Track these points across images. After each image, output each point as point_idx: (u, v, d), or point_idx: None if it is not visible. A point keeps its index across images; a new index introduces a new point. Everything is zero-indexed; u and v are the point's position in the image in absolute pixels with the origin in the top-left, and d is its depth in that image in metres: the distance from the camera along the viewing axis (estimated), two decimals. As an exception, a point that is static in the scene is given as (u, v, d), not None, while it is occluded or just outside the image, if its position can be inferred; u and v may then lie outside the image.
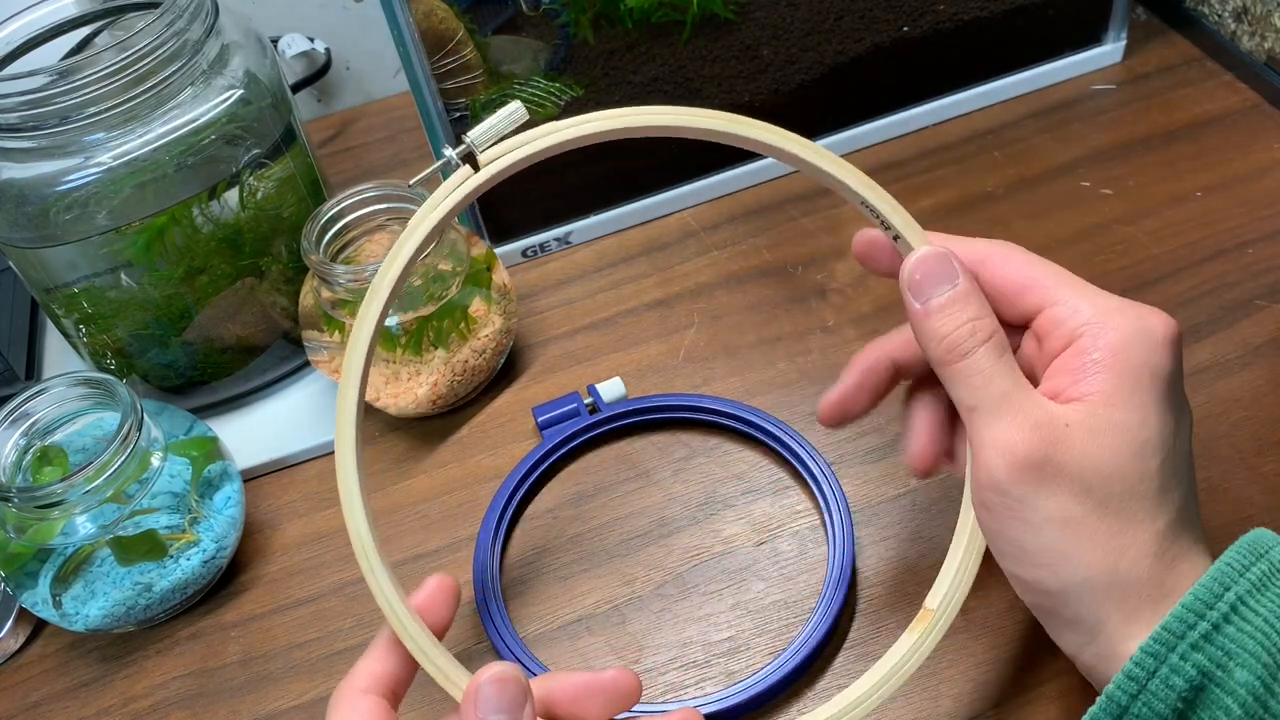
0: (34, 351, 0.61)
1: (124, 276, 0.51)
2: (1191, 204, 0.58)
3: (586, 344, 0.57)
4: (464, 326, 0.52)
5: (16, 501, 0.42)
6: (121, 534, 0.44)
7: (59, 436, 0.46)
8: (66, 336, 0.55)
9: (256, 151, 0.51)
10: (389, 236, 0.53)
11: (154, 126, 0.47)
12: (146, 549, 0.45)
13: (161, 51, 0.46)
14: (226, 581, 0.50)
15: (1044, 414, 0.32)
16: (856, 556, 0.46)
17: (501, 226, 0.61)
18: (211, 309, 0.53)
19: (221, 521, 0.48)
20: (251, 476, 0.54)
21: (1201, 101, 0.64)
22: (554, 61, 0.57)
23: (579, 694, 0.35)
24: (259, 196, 0.52)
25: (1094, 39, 0.66)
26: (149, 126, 0.47)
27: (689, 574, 0.47)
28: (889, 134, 0.65)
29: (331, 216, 0.51)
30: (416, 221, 0.36)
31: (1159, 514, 0.32)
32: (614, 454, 0.52)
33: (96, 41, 0.53)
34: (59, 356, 0.61)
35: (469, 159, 0.35)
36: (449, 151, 0.35)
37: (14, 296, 0.62)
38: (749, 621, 0.45)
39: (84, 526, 0.44)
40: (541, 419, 0.52)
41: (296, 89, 0.72)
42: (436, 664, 0.35)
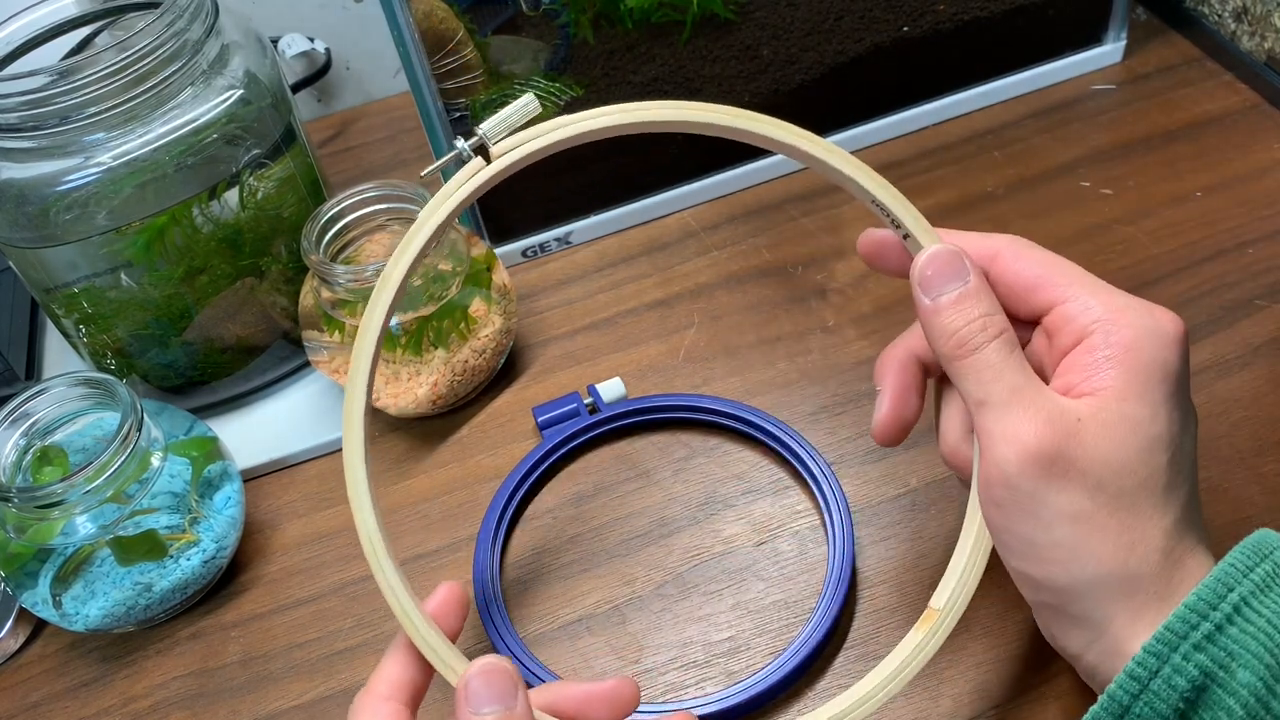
0: (34, 351, 0.61)
1: (124, 276, 0.51)
2: (1191, 204, 0.58)
3: (586, 344, 0.57)
4: (464, 326, 0.52)
5: (16, 501, 0.42)
6: (121, 534, 0.44)
7: (59, 436, 0.46)
8: (66, 336, 0.55)
9: (256, 151, 0.51)
10: (389, 236, 0.53)
11: (154, 126, 0.47)
12: (146, 549, 0.45)
13: (161, 51, 0.46)
14: (226, 581, 0.50)
15: (1056, 408, 0.32)
16: (856, 556, 0.46)
17: (501, 226, 0.61)
18: (211, 309, 0.53)
19: (221, 521, 0.48)
20: (251, 476, 0.54)
21: (1201, 101, 0.64)
22: (554, 61, 0.57)
23: (581, 705, 0.35)
24: (259, 196, 0.52)
25: (1094, 39, 0.66)
26: (149, 126, 0.47)
27: (689, 574, 0.47)
28: (889, 134, 0.65)
29: (331, 216, 0.51)
30: (429, 212, 0.35)
31: (1167, 510, 0.32)
32: (614, 454, 0.52)
33: (96, 41, 0.53)
34: (59, 356, 0.61)
35: (481, 151, 0.35)
36: (461, 143, 0.35)
37: (14, 296, 0.62)
38: (749, 621, 0.45)
39: (84, 526, 0.44)
40: (541, 419, 0.52)
41: (296, 89, 0.72)
42: (455, 669, 0.35)
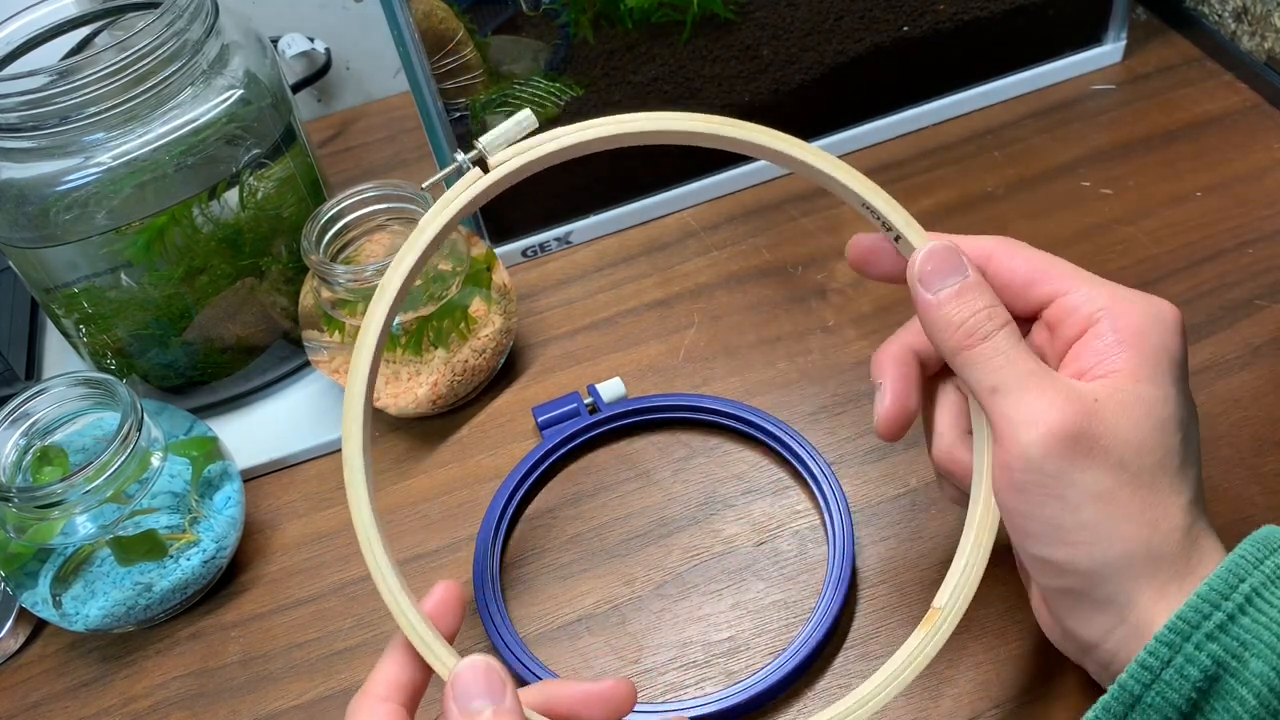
0: (34, 351, 0.61)
1: (124, 276, 0.51)
2: (1191, 204, 0.58)
3: (586, 344, 0.57)
4: (464, 326, 0.52)
5: (16, 501, 0.42)
6: (121, 534, 0.44)
7: (59, 436, 0.46)
8: (66, 336, 0.55)
9: (256, 151, 0.51)
10: (389, 236, 0.53)
11: (154, 126, 0.47)
12: (146, 549, 0.45)
13: (161, 51, 0.46)
14: (226, 581, 0.50)
15: (1073, 389, 0.32)
16: (856, 556, 0.46)
17: (501, 226, 0.61)
18: (211, 309, 0.53)
19: (221, 521, 0.48)
20: (251, 476, 0.54)
21: (1201, 101, 0.64)
22: (554, 61, 0.57)
23: (576, 704, 0.35)
24: (259, 196, 0.52)
25: (1094, 39, 0.66)
26: (149, 126, 0.47)
27: (689, 574, 0.47)
28: (889, 134, 0.65)
29: (331, 216, 0.51)
30: (428, 220, 0.36)
31: (1183, 489, 0.32)
32: (614, 454, 0.52)
33: (96, 41, 0.53)
34: (59, 356, 0.61)
35: (480, 163, 0.36)
36: (460, 156, 0.35)
37: (14, 296, 0.62)
38: (749, 621, 0.45)
39: (84, 526, 0.44)
40: (541, 419, 0.52)
41: (296, 89, 0.72)
42: (451, 668, 0.35)
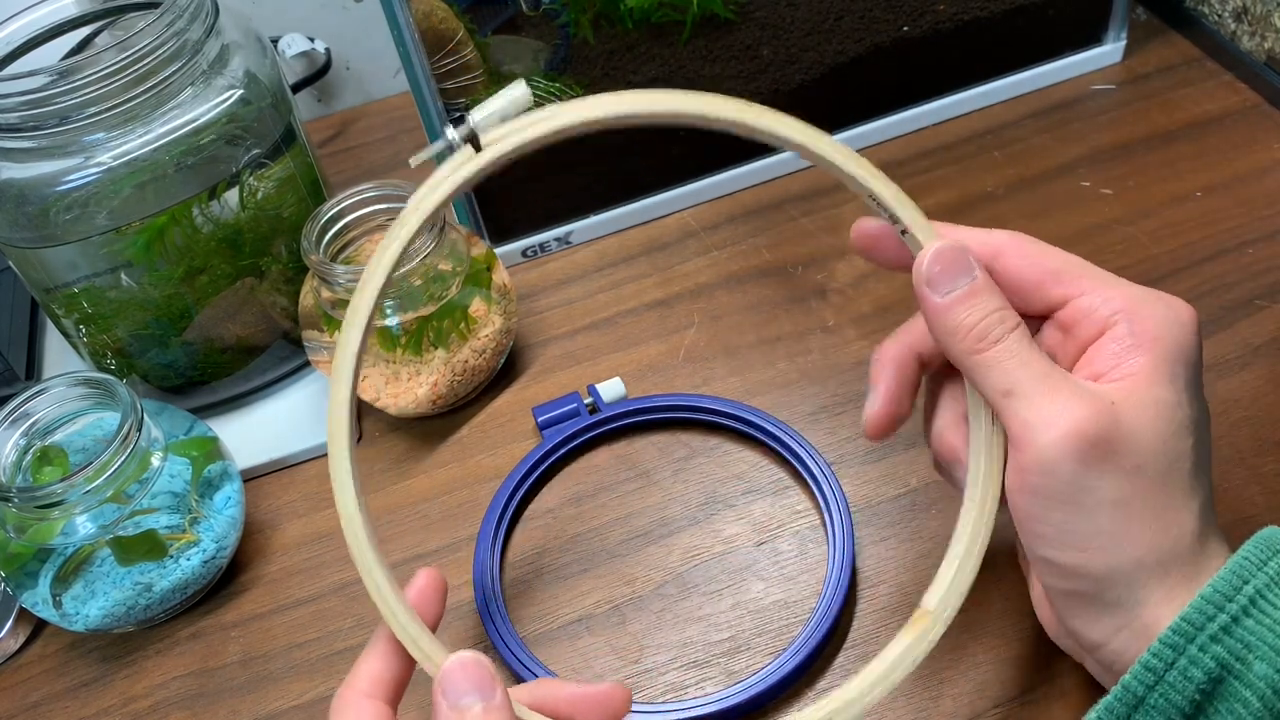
0: (34, 351, 0.61)
1: (124, 276, 0.51)
2: (1191, 204, 0.58)
3: (586, 344, 0.57)
4: (464, 326, 0.52)
5: (16, 501, 0.42)
6: (121, 534, 0.44)
7: (59, 436, 0.46)
8: (66, 336, 0.55)
9: (256, 151, 0.51)
10: (389, 236, 0.53)
11: (154, 126, 0.47)
12: (146, 549, 0.45)
13: (161, 51, 0.46)
14: (226, 581, 0.50)
15: (1089, 392, 0.32)
16: (856, 556, 0.46)
17: (501, 226, 0.61)
18: (211, 309, 0.53)
19: (221, 521, 0.48)
20: (251, 476, 0.54)
21: (1201, 101, 0.64)
22: (554, 61, 0.57)
23: (570, 706, 0.35)
24: (259, 196, 0.52)
25: (1094, 39, 0.66)
26: (149, 126, 0.47)
27: (689, 574, 0.47)
28: (889, 134, 0.65)
29: (331, 216, 0.51)
30: (415, 202, 0.34)
31: (1195, 493, 0.32)
32: (614, 454, 0.52)
33: (96, 41, 0.53)
34: (59, 356, 0.61)
35: (471, 140, 0.33)
36: (451, 132, 0.33)
37: (14, 296, 0.62)
38: (749, 621, 0.45)
39: (84, 526, 0.44)
40: (541, 419, 0.52)
41: (296, 89, 0.72)
42: (434, 660, 0.35)
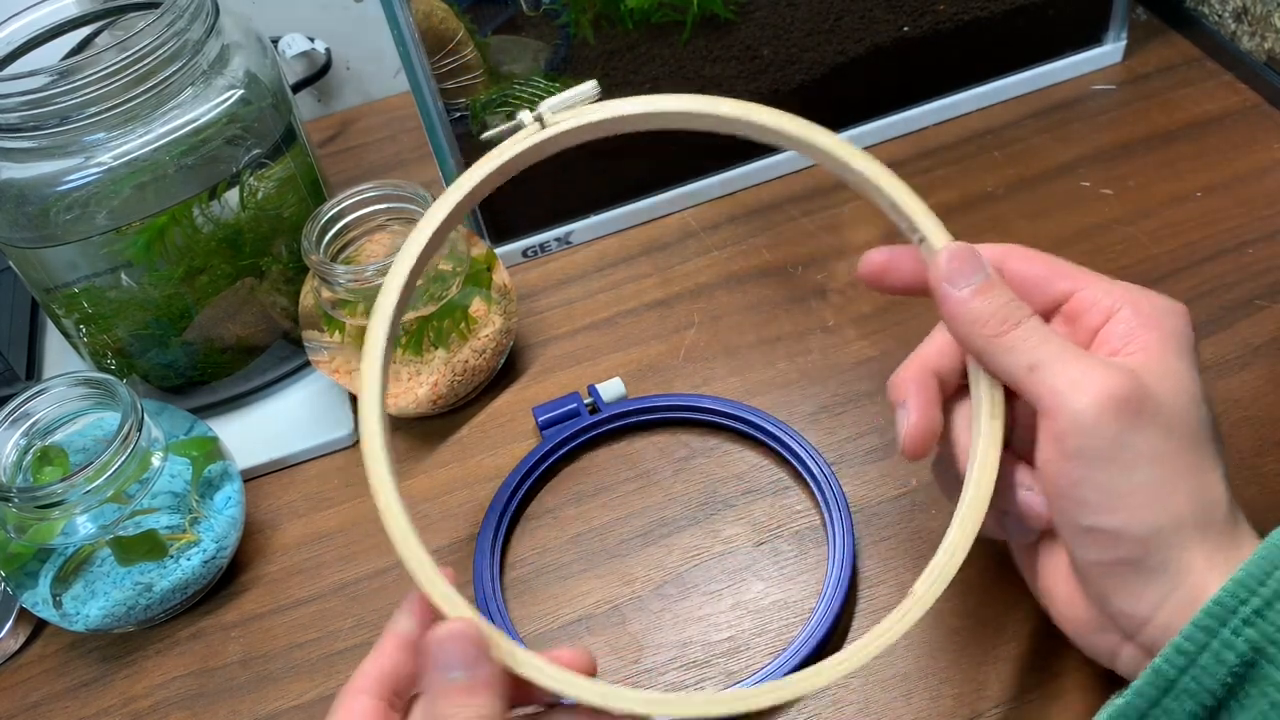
0: (34, 351, 0.61)
1: (124, 276, 0.51)
2: (1191, 204, 0.58)
3: (586, 344, 0.57)
4: (464, 326, 0.52)
5: (17, 501, 0.42)
6: (122, 534, 0.44)
7: (59, 436, 0.46)
8: (67, 336, 0.55)
9: (257, 151, 0.51)
10: (389, 236, 0.53)
11: (154, 126, 0.47)
12: (147, 549, 0.45)
13: (162, 51, 0.46)
14: (226, 581, 0.50)
15: (1110, 361, 0.33)
16: (857, 556, 0.46)
17: (502, 226, 0.61)
18: (211, 309, 0.53)
19: (222, 521, 0.48)
20: (251, 476, 0.54)
21: (1201, 101, 0.64)
22: (554, 61, 0.57)
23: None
24: (259, 196, 0.52)
25: (1094, 39, 0.66)
26: (149, 126, 0.47)
27: (689, 574, 0.47)
28: (889, 134, 0.65)
29: (331, 216, 0.51)
30: (480, 165, 0.36)
31: (1218, 463, 0.33)
32: (614, 454, 0.52)
33: (97, 41, 0.53)
34: (59, 356, 0.61)
35: (539, 121, 0.36)
36: (525, 114, 0.36)
37: (14, 296, 0.62)
38: (749, 621, 0.45)
39: (84, 526, 0.44)
40: (542, 419, 0.52)
41: (297, 89, 0.72)
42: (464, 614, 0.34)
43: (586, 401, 0.53)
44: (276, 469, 0.54)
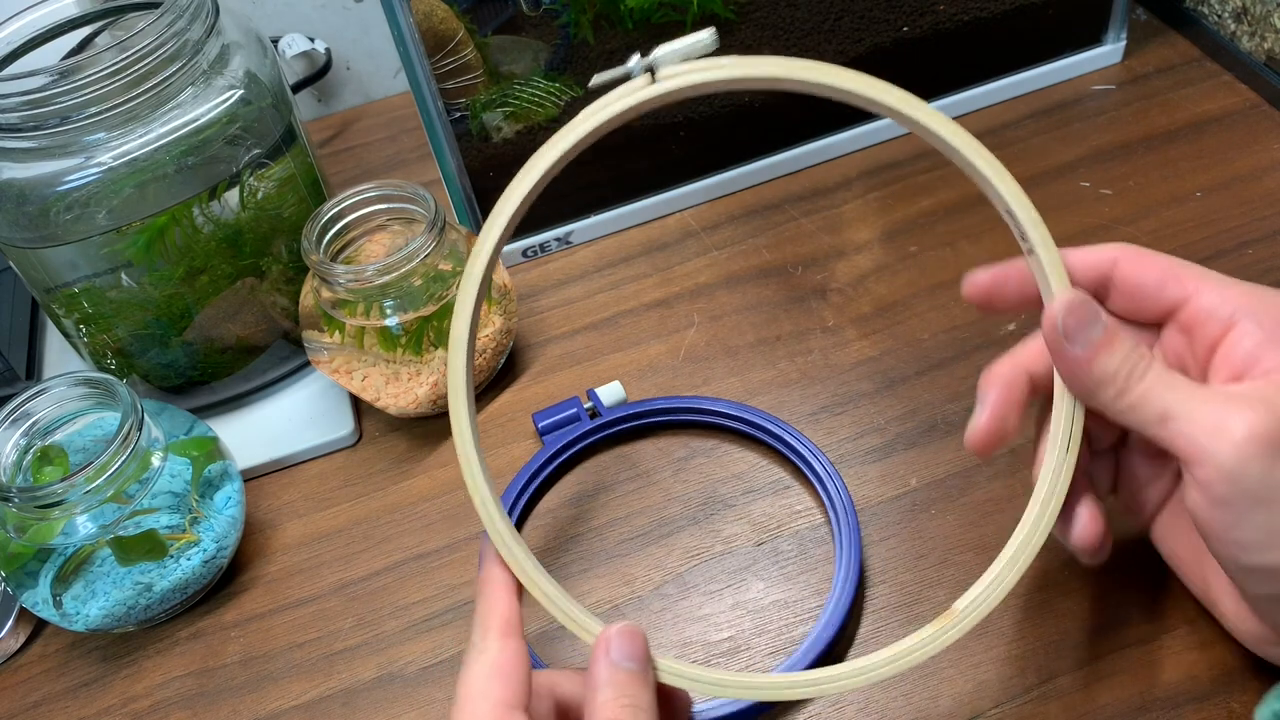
0: (34, 351, 0.61)
1: (124, 276, 0.51)
2: (1191, 204, 0.58)
3: (586, 344, 0.57)
4: (464, 326, 0.52)
5: (17, 501, 0.42)
6: (122, 534, 0.44)
7: (59, 436, 0.46)
8: (67, 336, 0.55)
9: (257, 151, 0.51)
10: (389, 236, 0.53)
11: (154, 126, 0.47)
12: (147, 549, 0.45)
13: (162, 51, 0.46)
14: (226, 581, 0.50)
15: (1244, 394, 0.32)
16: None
17: (501, 226, 0.61)
18: (211, 309, 0.53)
19: (222, 521, 0.48)
20: (251, 476, 0.54)
21: (1201, 101, 0.64)
22: (554, 61, 0.57)
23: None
24: (259, 196, 0.52)
25: (1094, 39, 0.66)
26: (149, 126, 0.47)
27: (689, 574, 0.47)
28: (890, 134, 0.65)
29: (332, 216, 0.51)
30: (583, 118, 0.34)
31: None
32: (614, 456, 0.52)
33: (97, 41, 0.53)
34: (59, 356, 0.61)
35: (650, 72, 0.34)
36: (635, 60, 0.34)
37: (14, 296, 0.62)
38: (749, 621, 0.45)
39: (84, 526, 0.44)
40: (542, 424, 0.52)
41: (297, 89, 0.72)
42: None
43: (586, 406, 0.52)
44: (276, 469, 0.54)
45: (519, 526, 0.49)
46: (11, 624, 0.48)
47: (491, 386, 0.56)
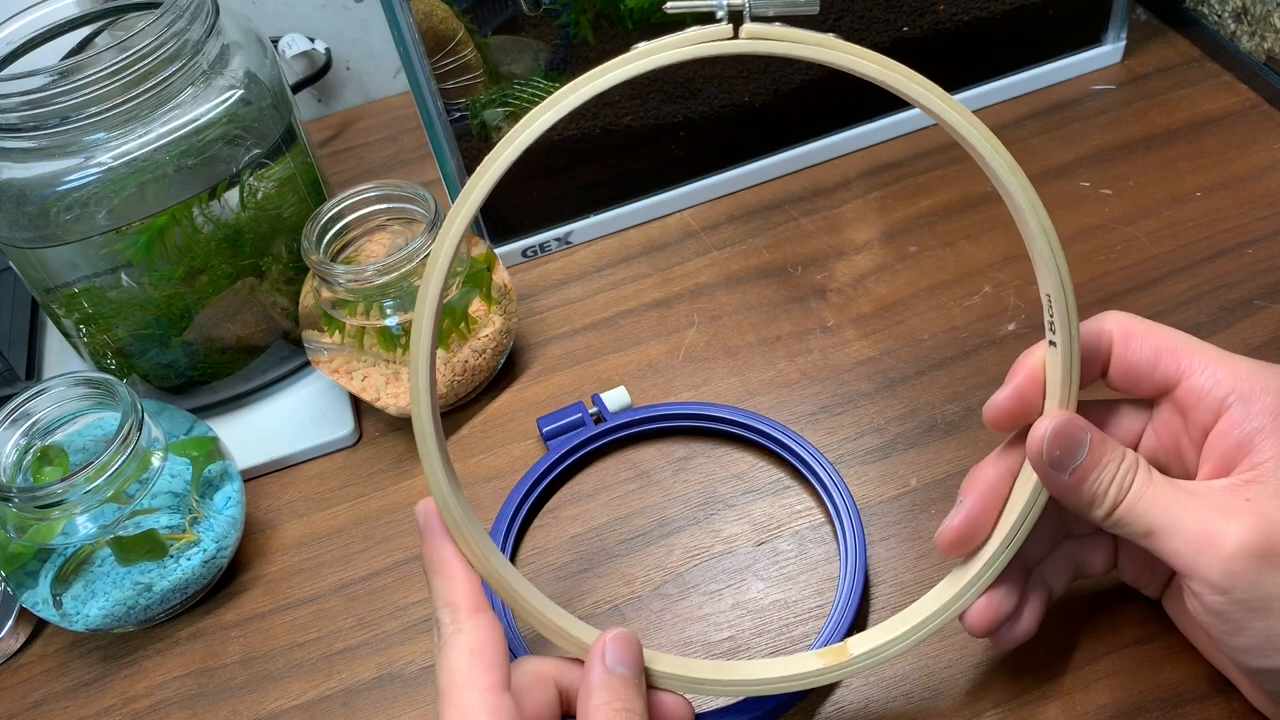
0: (34, 351, 0.61)
1: (124, 276, 0.51)
2: (1191, 204, 0.58)
3: (586, 344, 0.57)
4: (464, 326, 0.52)
5: (17, 501, 0.42)
6: (122, 534, 0.44)
7: (59, 436, 0.46)
8: (67, 336, 0.55)
9: (257, 151, 0.51)
10: (389, 236, 0.53)
11: (154, 126, 0.47)
12: (147, 549, 0.45)
13: (162, 51, 0.46)
14: (226, 581, 0.50)
15: (1229, 501, 0.32)
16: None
17: (501, 226, 0.61)
18: (211, 309, 0.53)
19: (222, 521, 0.48)
20: (251, 476, 0.54)
21: (1201, 101, 0.64)
22: (554, 61, 0.57)
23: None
24: (259, 196, 0.52)
25: (1094, 39, 0.66)
26: (149, 126, 0.47)
27: (689, 574, 0.47)
28: (890, 134, 0.65)
29: (332, 216, 0.51)
30: (647, 48, 0.31)
31: None
32: (617, 459, 0.52)
33: (97, 41, 0.53)
34: (59, 356, 0.61)
35: (735, 19, 0.31)
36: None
37: (14, 296, 0.62)
38: (749, 621, 0.45)
39: (84, 526, 0.44)
40: (546, 429, 0.51)
41: (297, 89, 0.72)
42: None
43: (591, 411, 0.52)
44: (276, 469, 0.54)
45: (523, 531, 0.49)
46: (11, 624, 0.48)
47: (491, 386, 0.56)
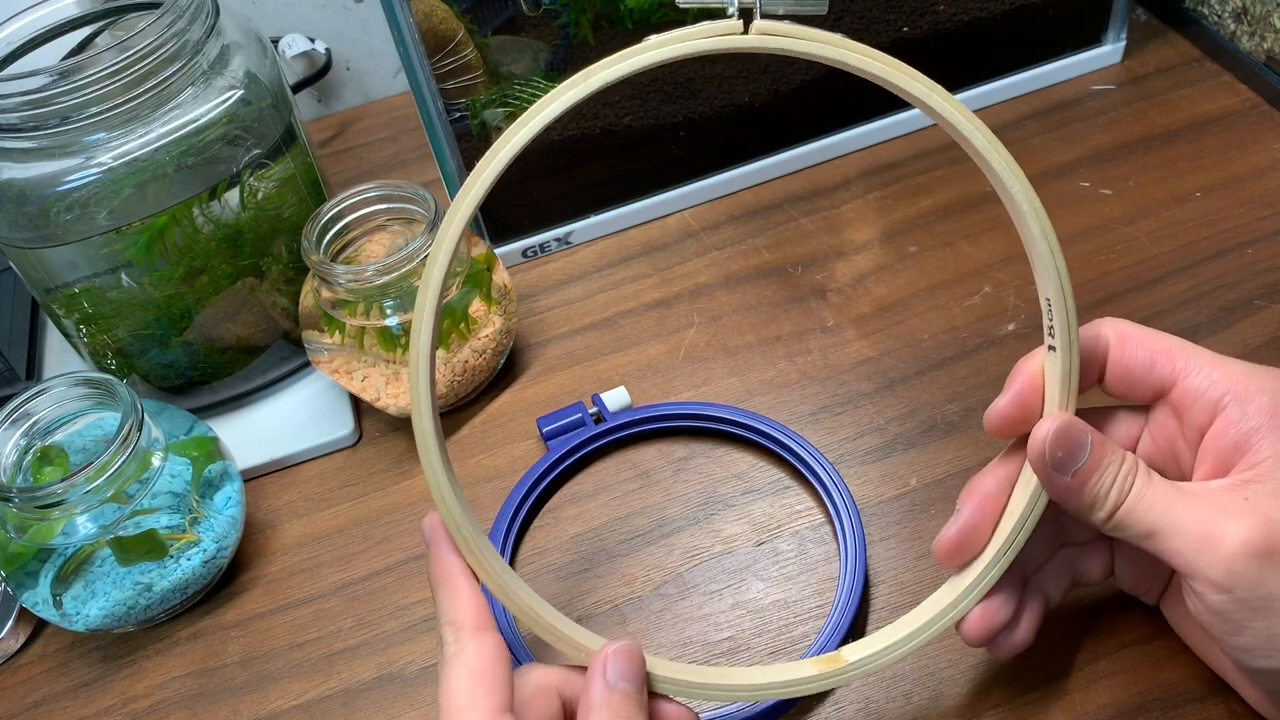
0: (34, 351, 0.61)
1: (124, 277, 0.51)
2: (1191, 204, 0.58)
3: (586, 344, 0.57)
4: (464, 327, 0.52)
5: (17, 501, 0.42)
6: (122, 534, 0.44)
7: (59, 436, 0.46)
8: (67, 336, 0.55)
9: (257, 151, 0.51)
10: (389, 236, 0.53)
11: (154, 127, 0.47)
12: (147, 549, 0.45)
13: (162, 52, 0.46)
14: (226, 581, 0.50)
15: (1226, 499, 0.32)
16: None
17: (501, 226, 0.61)
18: (212, 309, 0.53)
19: (222, 521, 0.48)
20: (251, 476, 0.54)
21: (1201, 101, 0.64)
22: (554, 61, 0.57)
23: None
24: (259, 196, 0.52)
25: (1094, 39, 0.66)
26: (149, 127, 0.47)
27: (689, 574, 0.47)
28: (890, 134, 0.65)
29: (332, 216, 0.51)
30: (657, 40, 0.31)
31: None
32: (616, 459, 0.52)
33: (97, 41, 0.53)
34: (59, 356, 0.61)
35: (745, 17, 0.32)
36: None
37: (14, 296, 0.62)
38: (749, 621, 0.45)
39: (84, 526, 0.44)
40: (546, 429, 0.51)
41: (297, 89, 0.72)
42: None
43: (591, 411, 0.52)
44: (276, 469, 0.54)
45: (523, 531, 0.49)
46: (11, 624, 0.48)
47: (491, 386, 0.56)
